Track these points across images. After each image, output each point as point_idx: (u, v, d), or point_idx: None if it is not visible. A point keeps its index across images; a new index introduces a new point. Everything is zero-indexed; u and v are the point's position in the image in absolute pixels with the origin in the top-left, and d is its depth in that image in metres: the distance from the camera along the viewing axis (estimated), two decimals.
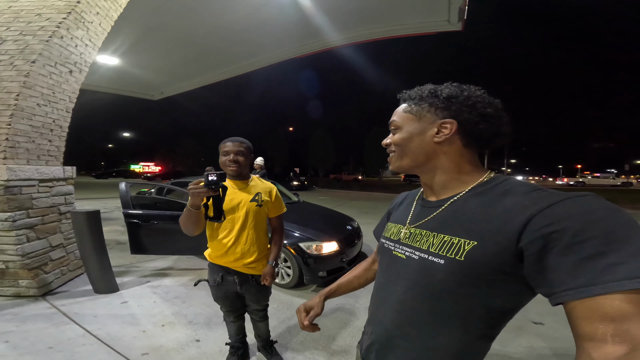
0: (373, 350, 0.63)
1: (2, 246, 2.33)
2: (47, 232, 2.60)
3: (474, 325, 0.50)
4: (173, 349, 1.81)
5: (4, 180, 2.24)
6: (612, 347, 0.32)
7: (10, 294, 2.40)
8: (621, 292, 0.33)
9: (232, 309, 1.55)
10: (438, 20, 5.17)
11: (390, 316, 0.59)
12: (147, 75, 7.61)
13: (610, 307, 0.33)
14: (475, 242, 0.47)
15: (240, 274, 1.41)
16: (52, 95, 2.68)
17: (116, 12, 3.19)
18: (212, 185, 1.06)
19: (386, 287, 0.63)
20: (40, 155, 2.63)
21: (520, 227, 0.43)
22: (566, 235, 0.38)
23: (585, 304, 0.35)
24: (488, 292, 0.48)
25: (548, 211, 0.41)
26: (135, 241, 2.96)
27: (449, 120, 0.55)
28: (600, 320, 0.34)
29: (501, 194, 0.50)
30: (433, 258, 0.52)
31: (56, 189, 2.74)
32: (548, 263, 0.39)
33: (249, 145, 1.37)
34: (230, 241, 1.34)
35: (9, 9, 2.65)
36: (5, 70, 2.42)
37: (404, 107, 0.62)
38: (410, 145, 0.59)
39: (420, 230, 0.59)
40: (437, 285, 0.51)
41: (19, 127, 2.40)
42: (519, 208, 0.45)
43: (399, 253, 0.61)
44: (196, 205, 1.11)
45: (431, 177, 0.60)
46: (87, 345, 1.80)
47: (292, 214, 3.33)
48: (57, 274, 2.65)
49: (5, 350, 1.70)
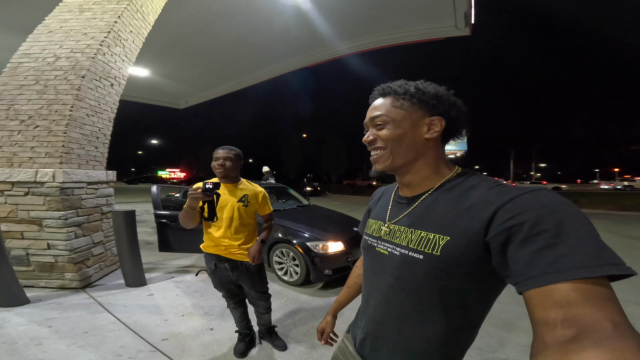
0: (367, 343, 0.65)
1: (54, 242, 2.59)
2: (91, 229, 2.89)
3: (454, 315, 0.53)
4: (189, 336, 1.99)
5: (60, 182, 2.55)
6: (561, 331, 0.34)
7: (56, 285, 2.65)
8: (569, 281, 0.35)
9: (230, 295, 1.74)
10: (446, 26, 5.24)
11: (379, 310, 0.62)
12: (172, 85, 8.19)
13: (560, 294, 0.35)
14: (448, 237, 0.50)
15: (230, 261, 1.60)
16: (98, 107, 3.04)
17: (146, 29, 3.56)
18: (207, 192, 1.33)
19: (373, 282, 0.65)
20: (89, 160, 2.97)
21: (486, 222, 0.46)
22: (524, 228, 0.41)
23: (539, 292, 0.37)
24: (465, 283, 0.50)
25: (509, 205, 0.44)
26: (163, 240, 3.24)
27: (438, 118, 0.57)
28: (551, 307, 0.36)
29: (468, 189, 0.53)
30: (413, 254, 0.54)
31: (100, 190, 3.07)
32: (510, 255, 0.42)
33: (237, 153, 1.58)
34: (219, 234, 1.56)
35: (60, 28, 3.03)
36: (60, 84, 2.77)
37: (391, 102, 0.59)
38: (403, 142, 0.57)
39: (398, 227, 0.60)
40: (418, 280, 0.54)
41: (72, 135, 2.74)
42: (484, 203, 0.48)
43: (381, 249, 0.63)
44: (193, 207, 1.35)
45: (412, 174, 0.60)
46: (116, 331, 2.02)
47: (301, 216, 3.49)
48: (97, 269, 2.93)
49: (49, 334, 1.95)
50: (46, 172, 2.55)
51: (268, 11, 4.86)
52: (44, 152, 2.65)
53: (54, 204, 2.56)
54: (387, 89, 0.61)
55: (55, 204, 2.56)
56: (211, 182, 1.33)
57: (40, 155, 2.64)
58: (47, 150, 2.65)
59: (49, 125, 2.68)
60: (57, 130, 2.67)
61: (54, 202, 2.56)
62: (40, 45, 2.95)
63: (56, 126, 2.67)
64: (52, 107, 2.72)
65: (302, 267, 2.86)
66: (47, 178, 2.54)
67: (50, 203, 2.56)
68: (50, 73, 2.82)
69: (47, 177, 2.54)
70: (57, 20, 3.08)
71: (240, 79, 8.07)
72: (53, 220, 2.57)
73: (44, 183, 2.55)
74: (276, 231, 3.09)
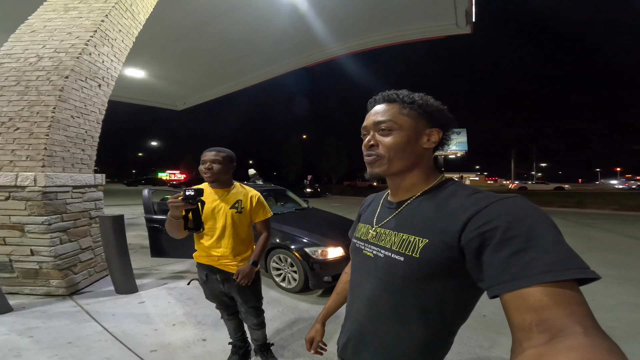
0: (350, 347, 0.66)
1: (37, 248, 2.51)
2: (78, 235, 2.81)
3: (432, 319, 0.55)
4: (180, 347, 1.88)
5: (42, 186, 2.46)
6: (536, 336, 0.35)
7: (42, 292, 2.56)
8: (540, 285, 0.37)
9: (223, 306, 1.63)
10: (446, 24, 5.19)
11: (362, 312, 0.63)
12: (170, 87, 8.13)
13: (533, 298, 0.36)
14: (427, 240, 0.52)
15: (222, 272, 1.48)
16: (84, 108, 2.94)
17: (136, 29, 3.46)
18: (189, 200, 1.18)
19: (358, 285, 0.66)
20: (74, 164, 2.88)
21: (461, 226, 0.47)
22: (497, 233, 0.42)
23: (514, 296, 0.38)
24: (442, 287, 0.52)
25: (484, 211, 0.46)
26: (155, 245, 3.13)
27: (437, 129, 0.61)
28: (526, 311, 0.37)
29: (449, 195, 0.56)
30: (395, 256, 0.57)
31: (88, 194, 2.97)
32: (484, 259, 0.43)
33: (228, 155, 1.45)
34: (211, 245, 1.44)
35: (44, 28, 2.95)
36: (43, 85, 2.69)
37: (398, 109, 0.60)
38: (406, 149, 0.59)
39: (384, 230, 0.63)
40: (398, 281, 0.56)
41: (55, 137, 2.65)
42: (461, 209, 0.50)
43: (367, 252, 0.65)
44: (175, 216, 1.23)
45: (406, 180, 0.62)
46: (102, 342, 1.92)
47: (299, 220, 3.37)
48: (85, 275, 2.84)
49: (29, 344, 1.84)
50: (27, 176, 2.45)
51: (265, 11, 4.80)
52: (25, 155, 2.56)
53: (36, 208, 2.47)
54: (393, 96, 0.62)
55: (38, 209, 2.47)
56: (192, 189, 1.19)
57: (21, 158, 2.55)
58: (29, 153, 2.56)
59: (30, 128, 2.58)
60: (39, 133, 2.57)
61: (36, 206, 2.47)
62: (22, 45, 2.86)
63: (38, 128, 2.58)
64: (34, 109, 2.63)
65: (301, 273, 2.75)
66: (28, 182, 2.45)
67: (32, 208, 2.47)
68: (32, 74, 2.73)
69: (28, 181, 2.45)
70: (40, 20, 3.00)
71: (238, 80, 8.03)
72: (35, 226, 2.48)
73: (25, 187, 2.46)
74: (274, 236, 2.99)
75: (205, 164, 1.40)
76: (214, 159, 1.40)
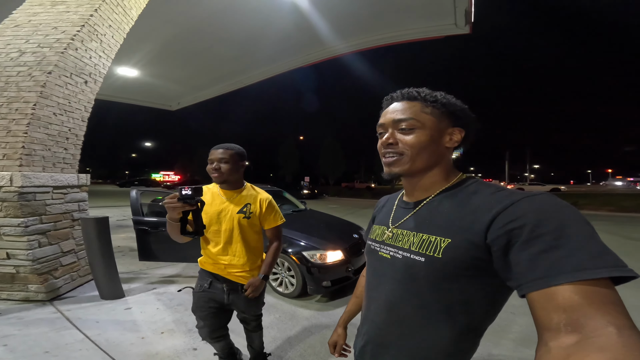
0: (367, 351, 0.64)
1: (13, 251, 2.38)
2: (59, 237, 2.66)
3: (459, 320, 0.52)
4: (168, 357, 1.76)
5: (18, 186, 2.33)
6: (565, 336, 0.33)
7: (19, 298, 2.43)
8: (571, 284, 0.35)
9: (209, 324, 1.40)
10: (445, 24, 5.13)
11: (381, 316, 0.61)
12: (164, 86, 7.95)
13: (562, 297, 0.35)
14: (449, 240, 0.50)
15: (229, 282, 1.35)
16: (68, 105, 2.81)
17: (128, 25, 3.34)
18: (186, 200, 1.04)
19: (375, 287, 0.65)
20: (56, 163, 2.73)
21: (487, 225, 0.46)
22: (525, 231, 0.41)
23: (542, 295, 0.37)
24: (467, 287, 0.50)
25: (510, 209, 0.45)
26: (143, 248, 2.99)
27: (459, 129, 0.59)
28: (554, 311, 0.35)
29: (471, 194, 0.54)
30: (414, 256, 0.55)
31: (70, 195, 2.83)
32: (511, 257, 0.42)
33: (237, 152, 1.30)
34: (218, 252, 1.31)
35: (28, 22, 2.83)
36: (23, 81, 2.55)
37: (420, 107, 0.59)
38: (428, 148, 0.58)
39: (401, 231, 0.61)
40: (419, 283, 0.54)
41: (35, 135, 2.51)
42: (486, 207, 0.48)
43: (384, 253, 0.63)
44: (173, 219, 1.11)
45: (425, 180, 0.61)
46: (84, 351, 1.79)
47: (297, 222, 3.28)
48: (67, 280, 2.69)
49: (2, 354, 1.71)
50: (3, 176, 2.31)
51: (263, 8, 4.71)
52: (1, 154, 2.42)
53: (12, 210, 2.32)
54: (414, 94, 0.61)
55: (14, 210, 2.33)
56: (190, 187, 1.04)
57: None
58: (5, 151, 2.41)
59: (8, 125, 2.44)
60: (17, 130, 2.43)
61: (12, 208, 2.32)
62: (3, 40, 2.72)
63: (16, 125, 2.44)
64: (13, 106, 2.49)
65: (298, 278, 2.64)
66: (3, 182, 2.31)
67: (7, 209, 2.33)
68: (13, 69, 2.59)
69: (3, 181, 2.31)
70: (25, 14, 2.87)
71: (235, 79, 7.90)
72: (11, 228, 2.34)
73: (0, 187, 2.32)
74: None
75: (213, 164, 1.26)
76: (221, 157, 1.26)
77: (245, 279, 1.35)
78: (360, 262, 2.97)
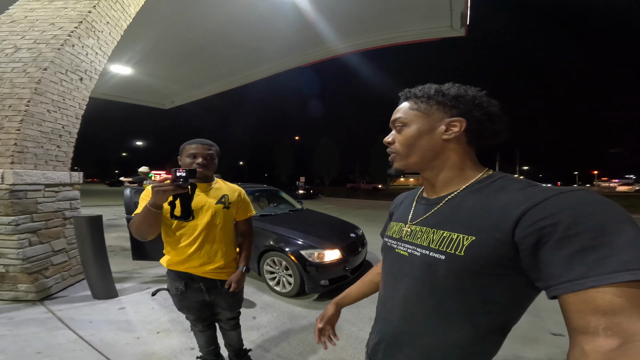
0: (380, 349, 0.63)
1: (3, 250, 2.32)
2: (50, 236, 2.60)
3: (481, 319, 0.50)
4: (165, 357, 1.75)
5: (10, 184, 2.27)
6: (604, 341, 0.32)
7: (9, 298, 2.38)
8: (612, 285, 0.33)
9: (200, 318, 1.42)
10: (441, 27, 5.18)
11: (397, 313, 0.60)
12: (157, 85, 7.84)
13: (602, 300, 0.34)
14: (473, 237, 0.48)
15: (206, 280, 1.29)
16: (62, 102, 2.76)
17: (125, 22, 3.31)
18: (180, 182, 0.98)
19: (391, 285, 0.63)
20: (48, 161, 2.68)
21: (514, 222, 0.44)
22: (559, 229, 0.39)
23: (578, 297, 0.36)
24: (491, 285, 0.48)
25: (541, 206, 0.42)
26: (137, 247, 2.95)
27: (458, 119, 0.56)
28: (592, 314, 0.34)
29: (497, 190, 0.51)
30: (434, 254, 0.53)
31: (62, 194, 2.77)
32: (542, 257, 0.40)
33: (217, 149, 1.35)
34: (193, 246, 1.24)
35: (25, 18, 2.78)
36: (18, 77, 2.50)
37: (409, 105, 0.61)
38: (419, 143, 0.59)
39: (420, 227, 0.59)
40: (439, 281, 0.52)
41: (28, 132, 2.45)
42: (513, 203, 0.46)
43: (401, 250, 0.62)
44: (157, 205, 1.01)
45: (436, 174, 0.60)
46: (77, 351, 1.75)
47: (294, 222, 3.29)
48: (58, 279, 2.63)
49: None
50: None
51: (261, 7, 4.69)
52: None
53: (2, 208, 2.27)
54: (408, 93, 0.63)
55: (4, 208, 2.27)
56: (184, 169, 0.99)
57: None
58: None
59: (1, 122, 2.39)
60: (10, 127, 2.38)
61: (3, 206, 2.27)
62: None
63: (8, 122, 2.39)
64: (6, 102, 2.44)
65: (296, 277, 2.65)
66: None
67: None
68: (8, 65, 2.54)
69: None
70: (22, 10, 2.82)
71: (230, 78, 7.83)
72: (2, 227, 2.29)
73: None
74: (267, 238, 2.87)
75: (198, 159, 1.24)
76: (207, 153, 1.26)
77: (225, 274, 1.32)
78: (357, 261, 3.00)
